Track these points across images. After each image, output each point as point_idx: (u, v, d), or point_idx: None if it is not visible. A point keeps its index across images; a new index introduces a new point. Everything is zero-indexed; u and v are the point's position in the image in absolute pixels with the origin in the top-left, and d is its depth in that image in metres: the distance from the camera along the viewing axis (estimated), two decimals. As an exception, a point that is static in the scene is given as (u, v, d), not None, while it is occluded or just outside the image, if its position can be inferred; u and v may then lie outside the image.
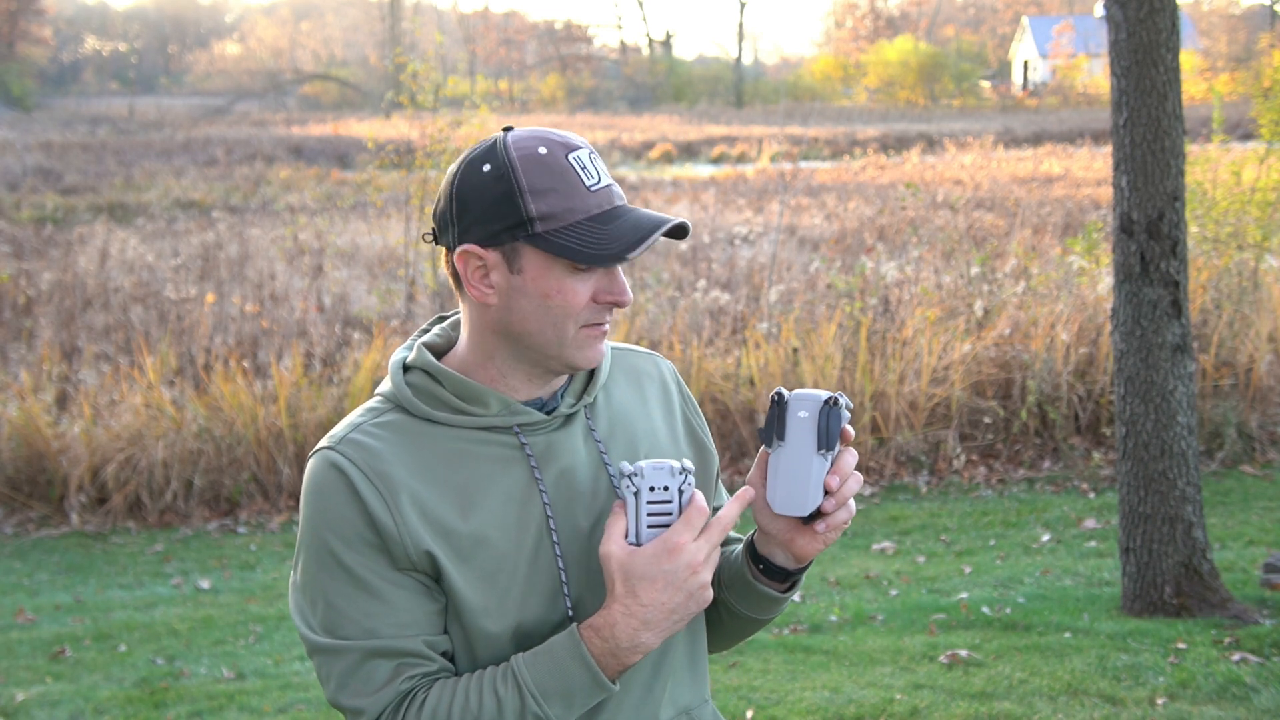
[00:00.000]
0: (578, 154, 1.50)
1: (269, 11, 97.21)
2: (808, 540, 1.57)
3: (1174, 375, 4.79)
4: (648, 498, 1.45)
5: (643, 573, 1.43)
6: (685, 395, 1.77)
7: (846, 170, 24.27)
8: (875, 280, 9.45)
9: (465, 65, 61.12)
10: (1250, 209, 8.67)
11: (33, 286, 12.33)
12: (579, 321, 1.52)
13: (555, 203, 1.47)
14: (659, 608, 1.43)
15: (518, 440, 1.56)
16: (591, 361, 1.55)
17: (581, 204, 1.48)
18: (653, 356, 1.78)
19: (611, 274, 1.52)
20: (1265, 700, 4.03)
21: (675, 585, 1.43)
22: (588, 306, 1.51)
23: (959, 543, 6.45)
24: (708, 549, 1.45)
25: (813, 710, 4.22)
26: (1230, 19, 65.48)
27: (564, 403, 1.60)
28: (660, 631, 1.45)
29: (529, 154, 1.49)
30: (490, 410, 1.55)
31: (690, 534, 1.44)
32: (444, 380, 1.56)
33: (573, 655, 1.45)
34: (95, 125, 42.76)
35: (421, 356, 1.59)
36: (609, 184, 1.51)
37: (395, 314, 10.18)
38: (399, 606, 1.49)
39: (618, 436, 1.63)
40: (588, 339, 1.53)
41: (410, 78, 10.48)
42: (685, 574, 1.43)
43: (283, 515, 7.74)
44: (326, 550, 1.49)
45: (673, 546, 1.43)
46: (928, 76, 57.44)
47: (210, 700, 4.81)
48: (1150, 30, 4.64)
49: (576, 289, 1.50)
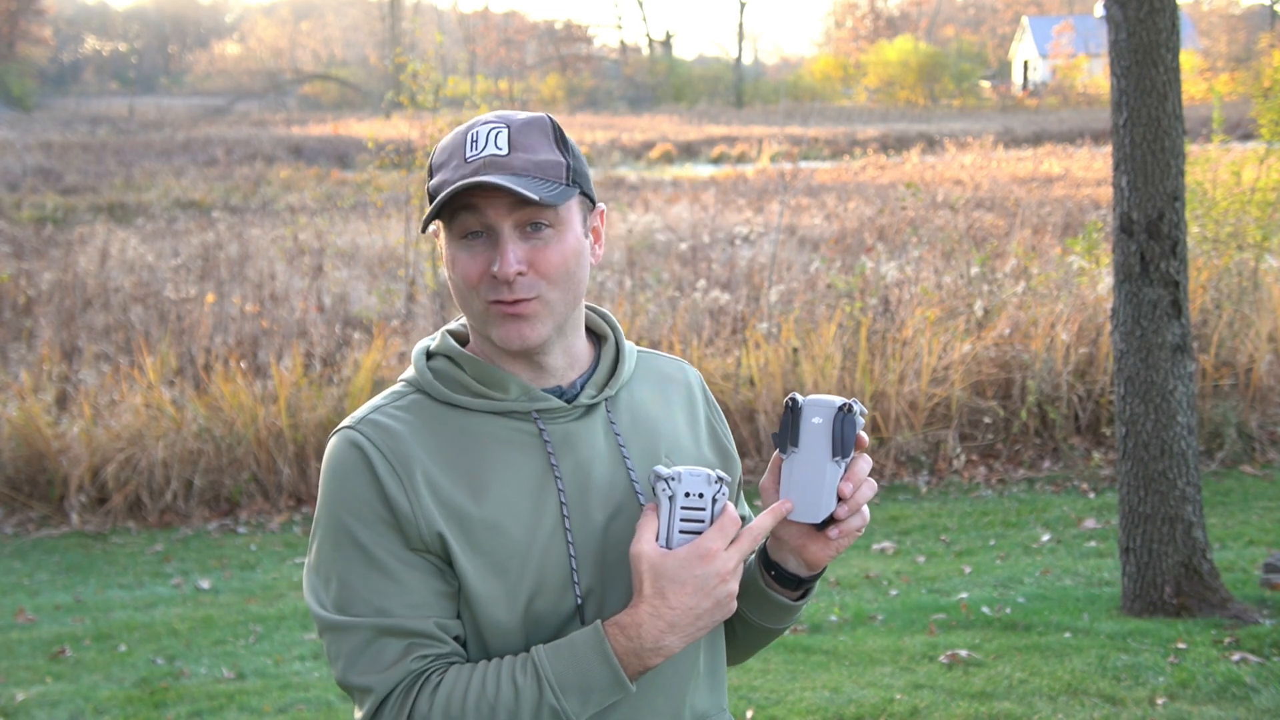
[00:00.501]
0: (478, 129, 1.52)
1: (269, 11, 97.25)
2: (820, 547, 1.57)
3: (1174, 375, 4.79)
4: (682, 503, 1.45)
5: (674, 575, 1.43)
6: (711, 402, 1.77)
7: (846, 170, 24.27)
8: (875, 280, 9.45)
9: (465, 65, 61.09)
10: (1250, 209, 8.68)
11: (33, 286, 12.32)
12: (482, 296, 1.51)
13: (442, 176, 1.52)
14: (687, 612, 1.44)
15: (536, 427, 1.56)
16: (508, 343, 1.52)
17: (454, 175, 1.50)
18: (679, 363, 1.77)
19: (498, 244, 1.50)
20: (1265, 700, 4.03)
21: (704, 591, 1.44)
22: (484, 281, 1.50)
23: (959, 543, 6.45)
24: (738, 558, 1.46)
25: (813, 710, 4.22)
26: (1230, 19, 65.48)
27: (585, 393, 1.60)
28: (685, 636, 1.45)
29: (450, 135, 1.56)
30: (510, 395, 1.56)
31: (723, 542, 1.45)
32: (465, 365, 1.57)
33: (596, 651, 1.45)
34: (95, 125, 42.76)
35: (445, 342, 1.61)
36: (492, 154, 1.50)
37: (395, 314, 10.18)
38: (412, 587, 1.49)
39: (639, 434, 1.63)
40: (496, 316, 1.51)
41: (410, 78, 10.47)
42: (715, 581, 1.44)
43: (283, 515, 7.74)
44: (342, 528, 1.50)
45: (705, 552, 1.43)
46: (928, 76, 57.43)
47: (210, 700, 4.81)
48: (1150, 30, 4.64)
49: (467, 262, 1.51)
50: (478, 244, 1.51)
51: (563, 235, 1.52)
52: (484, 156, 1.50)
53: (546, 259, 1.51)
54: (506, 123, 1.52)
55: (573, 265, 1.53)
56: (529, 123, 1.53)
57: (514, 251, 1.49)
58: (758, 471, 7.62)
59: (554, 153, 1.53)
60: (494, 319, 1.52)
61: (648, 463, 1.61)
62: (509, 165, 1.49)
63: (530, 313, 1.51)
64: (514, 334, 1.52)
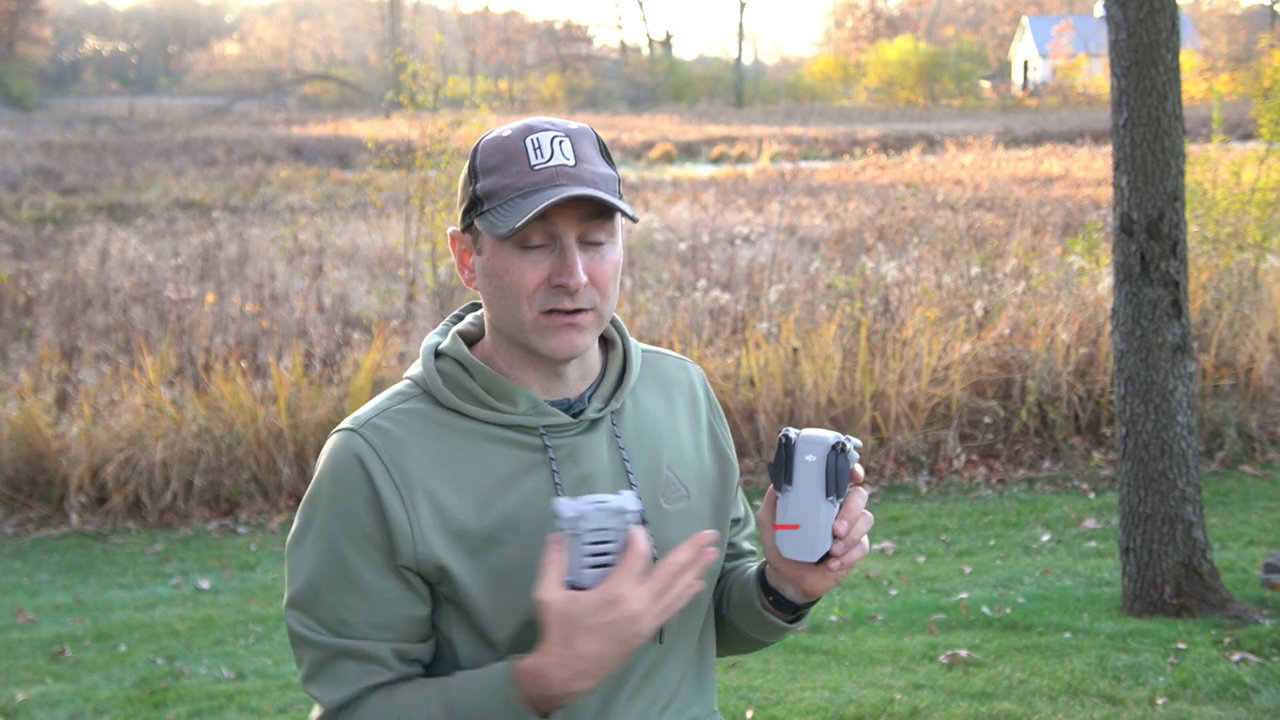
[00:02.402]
0: (538, 136, 1.49)
1: (269, 11, 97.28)
2: (818, 578, 1.55)
3: (1174, 375, 4.79)
4: (587, 539, 1.38)
5: (581, 624, 1.36)
6: (713, 403, 1.75)
7: (846, 170, 24.27)
8: (875, 280, 9.45)
9: (465, 65, 61.11)
10: (1250, 209, 8.68)
11: (33, 286, 12.32)
12: (535, 306, 1.48)
13: (496, 180, 1.48)
14: (594, 659, 1.38)
15: (542, 443, 1.54)
16: (559, 352, 1.50)
17: (519, 181, 1.47)
18: (683, 362, 1.75)
19: (563, 255, 1.48)
20: (1265, 700, 4.03)
21: (614, 637, 1.37)
22: (541, 289, 1.48)
23: (959, 543, 6.45)
24: (649, 596, 1.38)
25: (813, 710, 4.22)
26: (1230, 19, 65.51)
27: (591, 407, 1.58)
28: (596, 680, 1.40)
29: (494, 138, 1.52)
30: (518, 409, 1.54)
31: (632, 583, 1.37)
32: (474, 373, 1.55)
33: (502, 697, 1.42)
34: (95, 125, 42.76)
35: (455, 345, 1.58)
36: (561, 164, 1.47)
37: (395, 314, 10.18)
38: (379, 607, 1.49)
39: (642, 444, 1.61)
40: (550, 326, 1.49)
41: (410, 78, 10.47)
42: (625, 626, 1.37)
43: (282, 515, 7.74)
44: (327, 533, 1.49)
45: (614, 598, 1.36)
46: (928, 76, 57.46)
47: (210, 700, 4.81)
48: (1150, 30, 4.64)
49: (524, 268, 1.48)
50: (538, 253, 1.48)
51: (614, 247, 1.52)
52: (553, 166, 1.47)
53: (602, 271, 1.50)
54: (566, 132, 1.50)
55: (617, 276, 1.53)
56: (581, 133, 1.52)
57: (580, 263, 1.48)
58: (758, 471, 7.62)
59: (604, 165, 1.52)
60: (546, 329, 1.49)
61: (650, 474, 1.60)
62: (579, 177, 1.48)
63: (585, 323, 1.50)
64: (566, 344, 1.50)
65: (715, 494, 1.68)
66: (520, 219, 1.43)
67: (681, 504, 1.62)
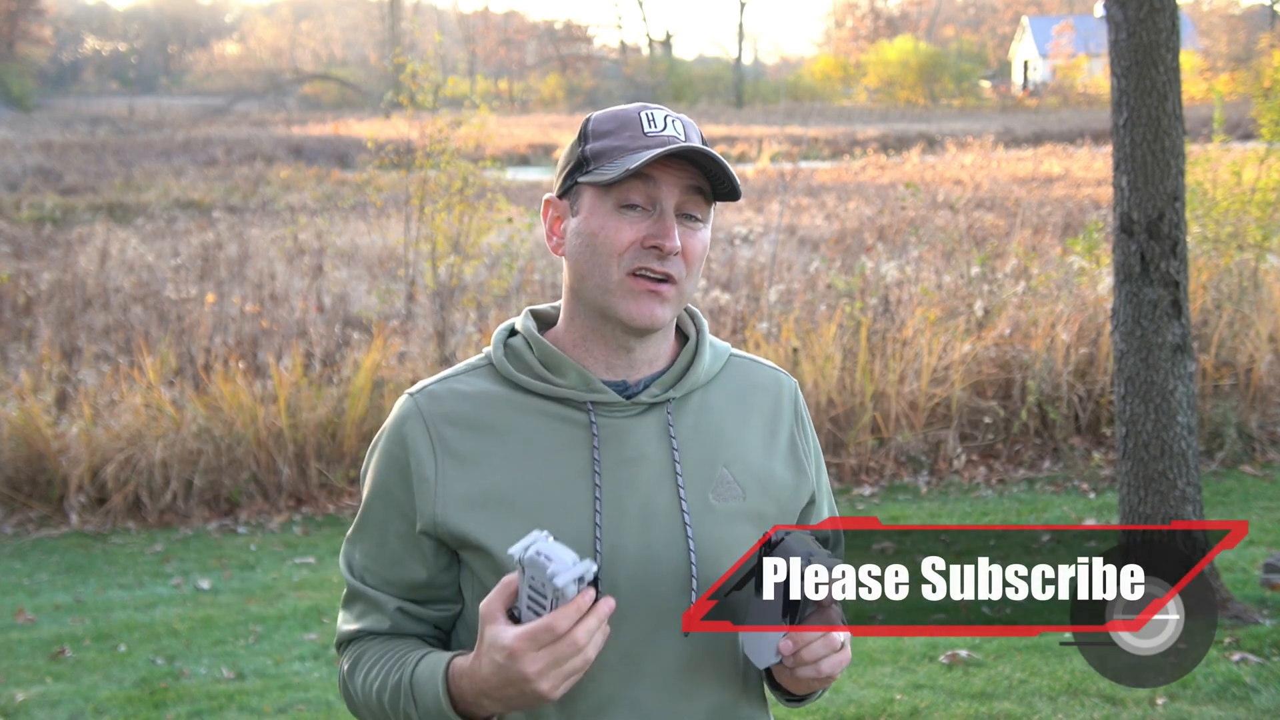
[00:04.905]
0: (653, 111, 1.53)
1: (269, 11, 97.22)
2: (789, 681, 1.53)
3: (1174, 375, 4.79)
4: (528, 585, 1.38)
5: (488, 651, 1.39)
6: (800, 416, 1.70)
7: (846, 170, 24.27)
8: (875, 280, 9.45)
9: (465, 65, 61.11)
10: (1250, 209, 8.67)
11: (33, 286, 12.31)
12: (624, 265, 1.49)
13: (608, 143, 1.51)
14: (495, 688, 1.40)
15: (588, 419, 1.54)
16: (638, 318, 1.50)
17: (631, 144, 1.50)
18: (777, 373, 1.71)
19: (661, 218, 1.49)
20: (1265, 700, 4.03)
21: (507, 681, 1.39)
22: (633, 248, 1.49)
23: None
24: (541, 666, 1.36)
25: (813, 710, 4.22)
26: (1230, 19, 65.46)
27: (647, 392, 1.57)
28: (503, 706, 1.42)
29: (607, 111, 1.56)
30: (567, 380, 1.55)
31: (531, 646, 1.36)
32: (534, 346, 1.58)
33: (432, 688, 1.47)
34: (95, 125, 42.71)
35: (526, 322, 1.62)
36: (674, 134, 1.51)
37: (395, 314, 10.18)
38: (385, 563, 1.57)
39: (699, 441, 1.59)
40: (634, 289, 1.50)
41: (410, 78, 10.46)
42: (517, 678, 1.38)
43: (282, 515, 7.74)
44: (371, 486, 1.60)
45: (510, 652, 1.37)
46: (928, 76, 57.42)
47: (210, 700, 4.81)
48: (1150, 30, 4.64)
49: (620, 227, 1.50)
50: (635, 214, 1.50)
51: (707, 230, 1.55)
52: (666, 135, 1.50)
53: (693, 246, 1.52)
54: (678, 115, 1.54)
55: (704, 258, 1.55)
56: (691, 122, 1.56)
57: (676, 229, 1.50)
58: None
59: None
60: (630, 291, 1.50)
61: (701, 468, 1.58)
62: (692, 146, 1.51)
63: (668, 294, 1.52)
64: (646, 311, 1.51)
65: (784, 501, 1.65)
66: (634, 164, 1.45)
67: (734, 503, 1.59)
